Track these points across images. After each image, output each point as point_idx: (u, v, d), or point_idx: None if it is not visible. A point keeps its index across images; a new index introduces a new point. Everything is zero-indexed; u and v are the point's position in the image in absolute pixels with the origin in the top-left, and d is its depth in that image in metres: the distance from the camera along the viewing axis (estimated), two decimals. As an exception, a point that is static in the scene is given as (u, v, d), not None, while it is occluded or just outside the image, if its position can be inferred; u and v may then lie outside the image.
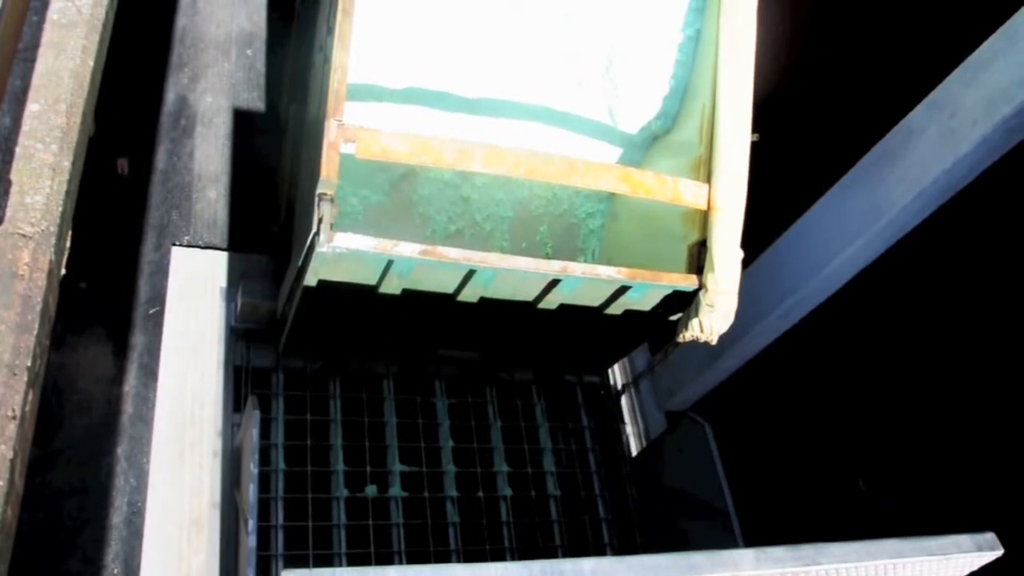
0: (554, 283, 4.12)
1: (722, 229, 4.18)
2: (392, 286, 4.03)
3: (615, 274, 4.10)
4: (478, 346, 5.27)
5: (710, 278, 4.18)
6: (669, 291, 4.29)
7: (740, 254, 4.24)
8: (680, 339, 4.49)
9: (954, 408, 6.38)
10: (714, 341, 4.40)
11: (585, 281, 4.13)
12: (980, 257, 6.38)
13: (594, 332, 4.88)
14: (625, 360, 6.24)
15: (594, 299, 4.38)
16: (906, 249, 5.21)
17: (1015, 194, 5.89)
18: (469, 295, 4.16)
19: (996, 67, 4.32)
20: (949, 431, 6.37)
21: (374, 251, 3.69)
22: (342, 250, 3.63)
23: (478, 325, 4.57)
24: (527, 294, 4.27)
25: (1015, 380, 6.08)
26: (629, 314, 4.52)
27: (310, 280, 3.92)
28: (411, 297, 4.14)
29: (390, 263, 3.80)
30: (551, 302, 4.32)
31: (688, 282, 4.23)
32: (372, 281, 4.00)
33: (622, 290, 4.25)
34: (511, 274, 4.00)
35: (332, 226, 3.60)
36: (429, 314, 4.37)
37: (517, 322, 4.54)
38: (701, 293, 4.22)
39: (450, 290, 4.13)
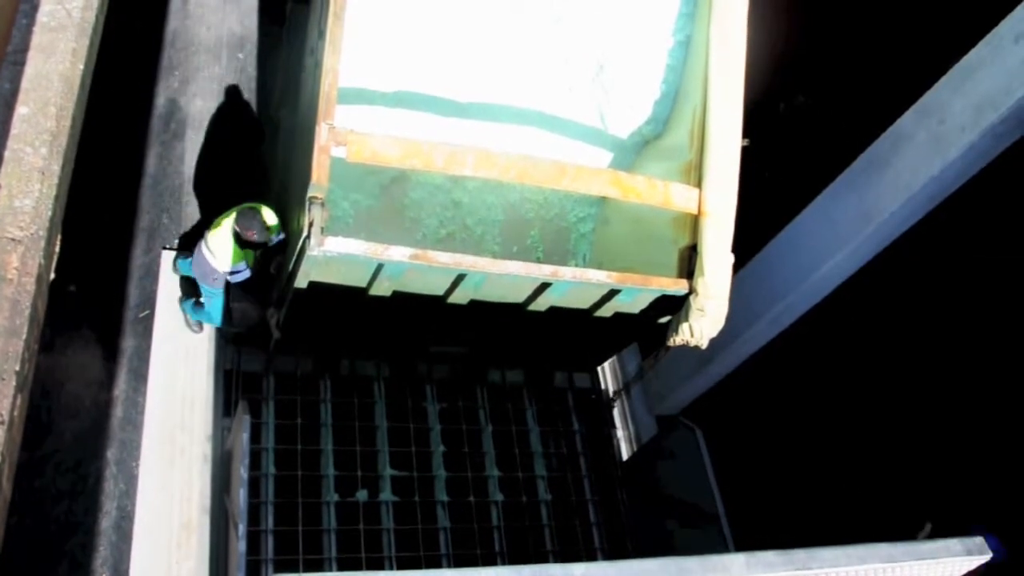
0: (544, 286, 4.13)
1: (713, 233, 4.20)
2: (383, 288, 4.03)
3: (605, 279, 4.11)
4: (467, 343, 5.27)
5: (700, 282, 4.19)
6: (659, 295, 4.30)
7: (731, 259, 4.25)
8: (670, 343, 4.50)
9: (945, 411, 6.40)
10: (704, 345, 4.41)
11: (575, 285, 4.14)
12: (969, 263, 6.41)
13: (584, 331, 4.89)
14: (616, 364, 6.24)
15: (584, 302, 4.39)
16: (895, 254, 5.23)
17: (1003, 200, 5.93)
18: (459, 297, 4.17)
19: (983, 74, 4.36)
20: (939, 434, 6.40)
21: (365, 255, 3.69)
22: (333, 254, 3.63)
23: (467, 323, 4.57)
24: (517, 296, 4.27)
25: (1006, 384, 6.11)
26: (619, 315, 4.53)
27: (301, 282, 3.92)
28: (401, 296, 4.14)
29: (380, 266, 3.80)
30: (541, 304, 4.32)
31: (678, 286, 4.25)
32: (362, 283, 4.00)
33: (612, 293, 4.26)
34: (502, 278, 4.01)
35: (323, 230, 3.60)
36: (419, 312, 4.37)
37: (506, 321, 4.55)
38: (691, 297, 4.23)
39: (440, 292, 4.14)
